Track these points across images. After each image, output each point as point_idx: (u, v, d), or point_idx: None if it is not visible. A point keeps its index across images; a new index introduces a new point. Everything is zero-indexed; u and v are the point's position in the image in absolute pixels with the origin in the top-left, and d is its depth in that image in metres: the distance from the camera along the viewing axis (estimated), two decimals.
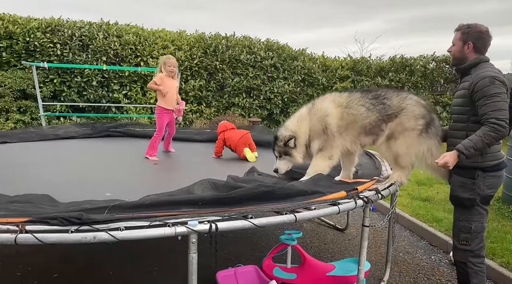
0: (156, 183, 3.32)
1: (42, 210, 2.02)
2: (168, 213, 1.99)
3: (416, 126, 2.90)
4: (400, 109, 2.93)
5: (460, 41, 2.72)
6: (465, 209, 2.70)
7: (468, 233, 2.68)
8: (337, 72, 11.89)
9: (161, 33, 10.81)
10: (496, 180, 2.66)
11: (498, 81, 2.49)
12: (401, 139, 2.90)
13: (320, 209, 2.21)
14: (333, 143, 2.96)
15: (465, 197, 2.67)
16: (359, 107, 2.97)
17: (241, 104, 11.09)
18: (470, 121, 2.62)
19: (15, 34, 9.17)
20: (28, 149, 4.64)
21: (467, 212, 2.69)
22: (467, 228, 2.69)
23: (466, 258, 2.71)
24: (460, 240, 2.73)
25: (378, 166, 3.64)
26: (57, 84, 9.48)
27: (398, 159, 2.94)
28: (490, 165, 2.61)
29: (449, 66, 3.01)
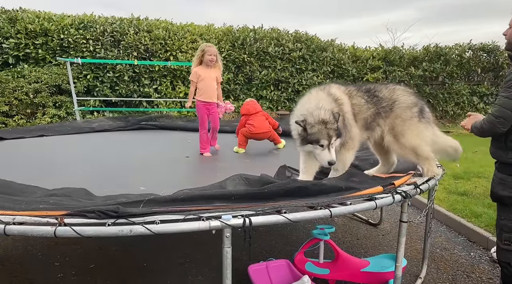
0: (188, 176, 3.34)
1: (79, 203, 2.06)
2: (202, 208, 1.98)
3: (413, 114, 2.85)
4: (393, 101, 2.89)
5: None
6: (506, 207, 2.58)
7: (510, 232, 2.56)
8: (367, 62, 11.62)
9: (190, 27, 10.87)
10: None
11: None
12: (407, 131, 2.82)
13: (357, 205, 2.14)
14: (351, 134, 2.80)
15: (504, 195, 2.54)
16: (360, 98, 2.88)
17: (269, 97, 11.04)
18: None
19: (50, 31, 9.46)
20: (64, 142, 4.78)
21: (508, 211, 2.57)
22: (509, 228, 2.57)
23: (510, 258, 2.59)
24: (502, 240, 2.61)
25: None
26: (90, 79, 9.74)
27: (417, 151, 2.83)
28: None
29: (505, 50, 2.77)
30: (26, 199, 2.13)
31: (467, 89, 12.04)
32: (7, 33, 9.19)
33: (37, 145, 4.21)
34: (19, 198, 2.13)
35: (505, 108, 2.38)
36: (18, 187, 2.39)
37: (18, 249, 3.67)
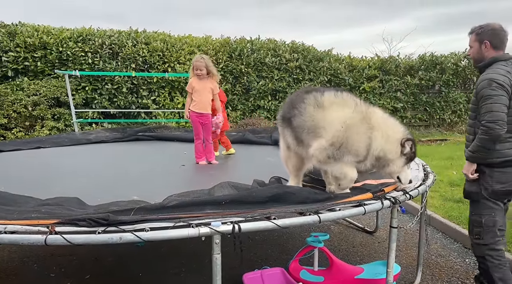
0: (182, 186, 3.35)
1: (71, 212, 2.08)
2: (192, 215, 2.00)
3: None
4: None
5: (476, 42, 2.78)
6: (474, 202, 2.78)
7: (480, 227, 2.73)
8: (364, 72, 11.71)
9: (188, 39, 10.99)
10: (505, 175, 2.66)
11: (495, 84, 2.54)
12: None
13: (345, 210, 2.17)
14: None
15: (471, 190, 2.77)
16: None
17: (266, 106, 11.10)
18: (478, 120, 2.69)
19: (49, 44, 9.56)
20: (61, 154, 4.81)
21: (476, 206, 2.77)
22: (478, 222, 2.74)
23: (483, 252, 2.74)
24: (474, 234, 2.79)
25: None
26: (88, 91, 9.80)
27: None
28: (496, 161, 2.65)
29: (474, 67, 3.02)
30: (19, 208, 2.15)
31: (464, 97, 12.11)
32: (6, 46, 9.29)
33: (33, 157, 4.24)
34: (11, 208, 2.15)
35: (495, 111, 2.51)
36: (11, 198, 2.42)
37: (14, 260, 3.67)
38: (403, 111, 12.03)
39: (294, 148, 2.76)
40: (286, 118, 2.74)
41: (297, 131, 2.63)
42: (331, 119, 2.51)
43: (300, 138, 2.63)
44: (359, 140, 2.48)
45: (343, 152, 2.48)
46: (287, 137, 2.77)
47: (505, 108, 2.53)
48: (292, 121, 2.66)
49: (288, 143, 2.80)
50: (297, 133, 2.64)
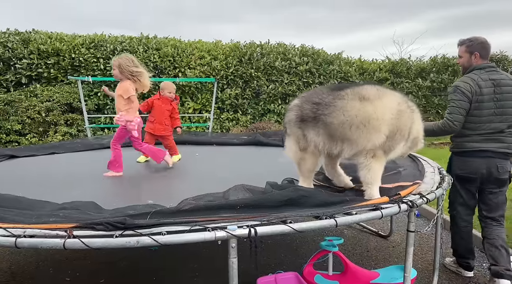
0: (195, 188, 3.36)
1: (88, 216, 2.10)
2: (207, 218, 2.00)
3: None
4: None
5: (466, 53, 3.25)
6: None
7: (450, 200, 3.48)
8: (375, 74, 11.65)
9: (198, 44, 11.07)
10: (463, 164, 3.25)
11: (458, 90, 3.12)
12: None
13: (362, 214, 2.14)
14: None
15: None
16: None
17: (276, 110, 11.10)
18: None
19: (62, 51, 9.71)
20: (75, 159, 4.86)
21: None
22: (450, 197, 3.52)
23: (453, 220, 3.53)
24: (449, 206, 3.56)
25: (421, 168, 3.50)
26: (101, 97, 9.92)
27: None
28: (457, 151, 3.31)
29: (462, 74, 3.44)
30: (37, 213, 2.17)
31: None
32: (20, 54, 9.46)
33: (48, 163, 4.29)
34: (30, 212, 2.18)
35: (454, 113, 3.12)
36: (29, 202, 2.44)
37: (30, 264, 3.71)
38: None
39: (323, 148, 2.62)
40: (310, 118, 2.61)
41: (335, 129, 2.51)
42: (383, 109, 2.45)
43: (340, 135, 2.51)
44: (407, 125, 2.52)
45: (397, 140, 2.50)
46: (310, 137, 2.63)
47: (464, 111, 3.12)
48: (323, 119, 2.54)
49: (309, 143, 2.66)
50: (335, 131, 2.51)
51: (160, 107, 4.75)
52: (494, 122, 3.11)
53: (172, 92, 4.82)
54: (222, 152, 5.47)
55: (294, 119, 2.74)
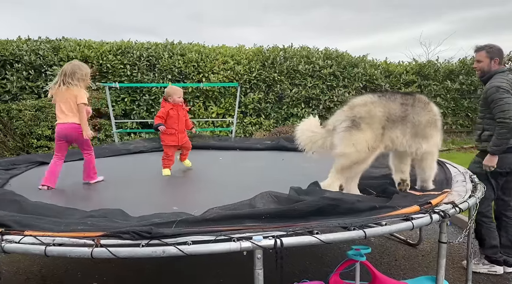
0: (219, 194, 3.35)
1: (115, 224, 2.12)
2: (233, 228, 1.98)
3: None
4: None
5: (487, 58, 3.50)
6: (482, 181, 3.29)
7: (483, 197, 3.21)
8: (401, 77, 11.40)
9: (221, 49, 11.14)
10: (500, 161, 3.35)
11: (502, 89, 3.29)
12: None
13: (392, 225, 2.07)
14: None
15: (477, 171, 3.47)
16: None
17: (300, 114, 11.00)
18: (486, 118, 3.49)
19: (90, 57, 9.97)
20: (102, 165, 4.94)
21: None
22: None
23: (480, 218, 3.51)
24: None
25: (448, 176, 3.37)
26: (127, 102, 10.12)
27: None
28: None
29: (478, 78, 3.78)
30: (65, 220, 2.21)
31: None
32: (51, 61, 9.77)
33: (76, 169, 4.37)
34: (58, 220, 2.22)
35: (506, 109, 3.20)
36: (58, 210, 2.50)
37: (59, 268, 3.80)
38: (443, 117, 11.56)
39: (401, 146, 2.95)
40: (399, 117, 2.92)
41: (421, 128, 2.96)
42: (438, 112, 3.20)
43: (422, 134, 2.97)
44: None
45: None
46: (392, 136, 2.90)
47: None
48: (411, 119, 2.93)
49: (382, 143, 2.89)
50: (420, 130, 2.95)
51: (178, 116, 4.40)
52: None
53: (181, 96, 4.46)
54: (245, 157, 5.46)
55: (380, 116, 2.88)
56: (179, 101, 4.42)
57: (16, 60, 9.69)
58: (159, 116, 4.37)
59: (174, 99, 4.38)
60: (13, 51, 9.67)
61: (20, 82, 9.61)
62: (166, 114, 4.34)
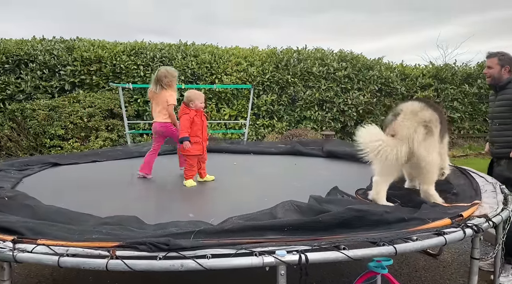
0: (236, 201, 3.25)
1: (131, 233, 2.03)
2: (254, 240, 1.88)
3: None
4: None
5: (498, 65, 3.52)
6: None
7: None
8: (417, 80, 11.18)
9: (235, 50, 11.06)
10: None
11: None
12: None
13: (424, 240, 1.94)
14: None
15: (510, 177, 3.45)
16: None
17: (313, 117, 10.86)
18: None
19: (104, 58, 9.97)
20: (116, 167, 4.90)
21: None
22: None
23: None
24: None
25: (475, 186, 3.21)
26: (140, 103, 10.09)
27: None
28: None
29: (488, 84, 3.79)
30: (80, 228, 2.13)
31: None
32: (65, 61, 9.80)
33: (90, 171, 4.35)
34: (73, 227, 2.14)
35: None
36: (72, 215, 2.42)
37: (70, 271, 3.73)
38: (460, 122, 11.34)
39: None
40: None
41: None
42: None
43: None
44: None
45: None
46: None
47: None
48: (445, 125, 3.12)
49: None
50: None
51: (202, 123, 4.10)
52: None
53: (203, 102, 4.18)
54: (260, 161, 5.35)
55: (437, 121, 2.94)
56: (202, 106, 4.12)
57: (31, 60, 9.73)
58: (185, 125, 3.96)
59: (196, 104, 4.05)
60: (27, 51, 9.73)
61: (34, 82, 9.65)
62: (192, 121, 3.99)
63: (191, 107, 4.03)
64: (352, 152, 5.11)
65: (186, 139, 3.97)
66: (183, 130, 3.98)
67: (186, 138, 3.96)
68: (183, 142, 3.98)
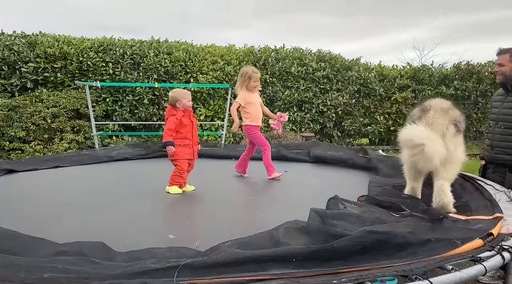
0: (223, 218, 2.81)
1: (95, 269, 1.57)
2: (256, 278, 1.47)
3: None
4: None
5: (510, 62, 3.28)
6: None
7: None
8: (395, 81, 11.08)
9: (210, 48, 10.61)
10: None
11: None
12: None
13: (462, 271, 1.59)
14: None
15: None
16: None
17: (292, 118, 10.56)
18: None
19: (69, 54, 9.29)
20: (81, 174, 4.35)
21: None
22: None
23: None
24: None
25: (488, 196, 2.93)
26: (109, 103, 9.47)
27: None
28: None
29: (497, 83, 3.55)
30: (28, 260, 1.66)
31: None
32: (26, 57, 9.05)
33: (50, 179, 3.79)
34: (19, 260, 1.66)
35: None
36: (21, 240, 1.93)
37: None
38: None
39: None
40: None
41: None
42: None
43: None
44: None
45: None
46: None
47: None
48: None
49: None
50: None
51: (192, 124, 3.64)
52: None
53: (190, 99, 3.71)
54: None
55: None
56: (190, 105, 3.63)
57: None
58: (170, 128, 3.49)
59: (184, 104, 3.57)
60: None
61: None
62: (179, 123, 3.52)
63: (178, 107, 3.56)
64: (342, 157, 4.81)
65: (169, 143, 3.48)
66: (166, 134, 3.49)
67: (169, 142, 3.48)
68: (166, 148, 3.50)
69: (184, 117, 3.55)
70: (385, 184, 3.39)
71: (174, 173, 3.53)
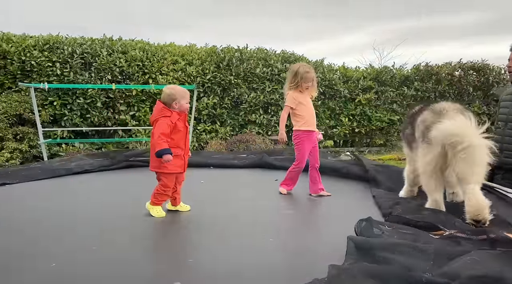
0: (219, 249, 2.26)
1: None
2: None
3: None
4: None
5: None
6: None
7: None
8: (359, 83, 11.05)
9: (170, 47, 9.96)
10: None
11: None
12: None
13: None
14: None
15: None
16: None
17: (258, 121, 10.19)
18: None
19: (9, 53, 8.26)
20: (34, 193, 3.58)
21: None
22: None
23: None
24: None
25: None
26: (57, 107, 8.52)
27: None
28: None
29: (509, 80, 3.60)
30: None
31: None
32: None
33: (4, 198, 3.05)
34: None
35: None
36: None
37: None
38: (399, 124, 11.43)
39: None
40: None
41: None
42: None
43: None
44: None
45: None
46: None
47: None
48: None
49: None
50: None
51: (186, 129, 2.97)
52: None
53: (189, 100, 3.02)
54: (226, 178, 4.32)
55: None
56: (187, 108, 2.98)
57: None
58: (164, 133, 2.78)
59: (181, 105, 2.90)
60: None
61: None
62: (174, 127, 2.85)
63: (174, 108, 2.88)
64: (334, 165, 4.44)
65: (166, 151, 2.75)
66: (161, 140, 2.75)
67: (165, 150, 2.75)
68: (162, 157, 2.76)
69: (179, 121, 2.88)
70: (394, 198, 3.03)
71: (157, 191, 2.86)
